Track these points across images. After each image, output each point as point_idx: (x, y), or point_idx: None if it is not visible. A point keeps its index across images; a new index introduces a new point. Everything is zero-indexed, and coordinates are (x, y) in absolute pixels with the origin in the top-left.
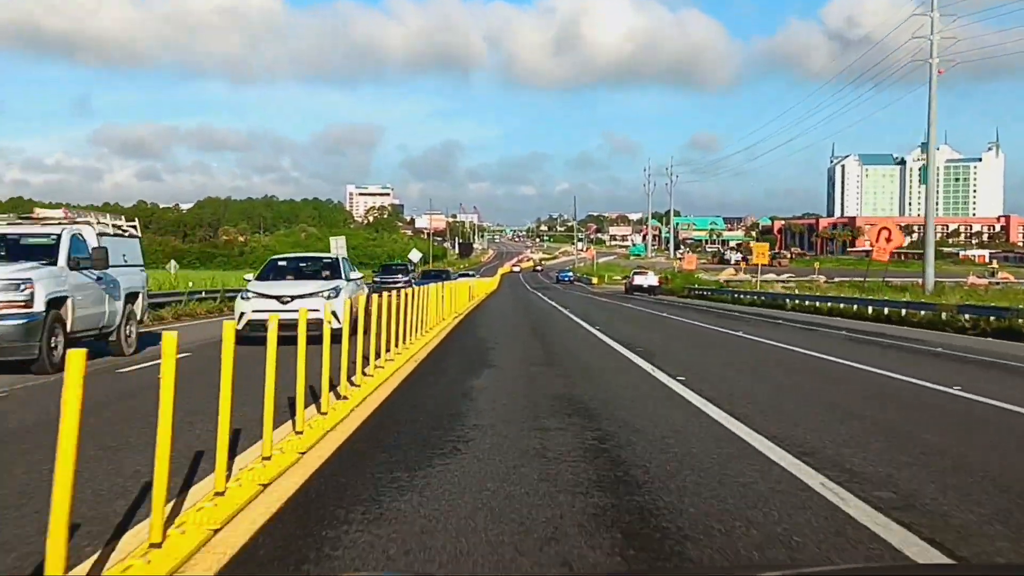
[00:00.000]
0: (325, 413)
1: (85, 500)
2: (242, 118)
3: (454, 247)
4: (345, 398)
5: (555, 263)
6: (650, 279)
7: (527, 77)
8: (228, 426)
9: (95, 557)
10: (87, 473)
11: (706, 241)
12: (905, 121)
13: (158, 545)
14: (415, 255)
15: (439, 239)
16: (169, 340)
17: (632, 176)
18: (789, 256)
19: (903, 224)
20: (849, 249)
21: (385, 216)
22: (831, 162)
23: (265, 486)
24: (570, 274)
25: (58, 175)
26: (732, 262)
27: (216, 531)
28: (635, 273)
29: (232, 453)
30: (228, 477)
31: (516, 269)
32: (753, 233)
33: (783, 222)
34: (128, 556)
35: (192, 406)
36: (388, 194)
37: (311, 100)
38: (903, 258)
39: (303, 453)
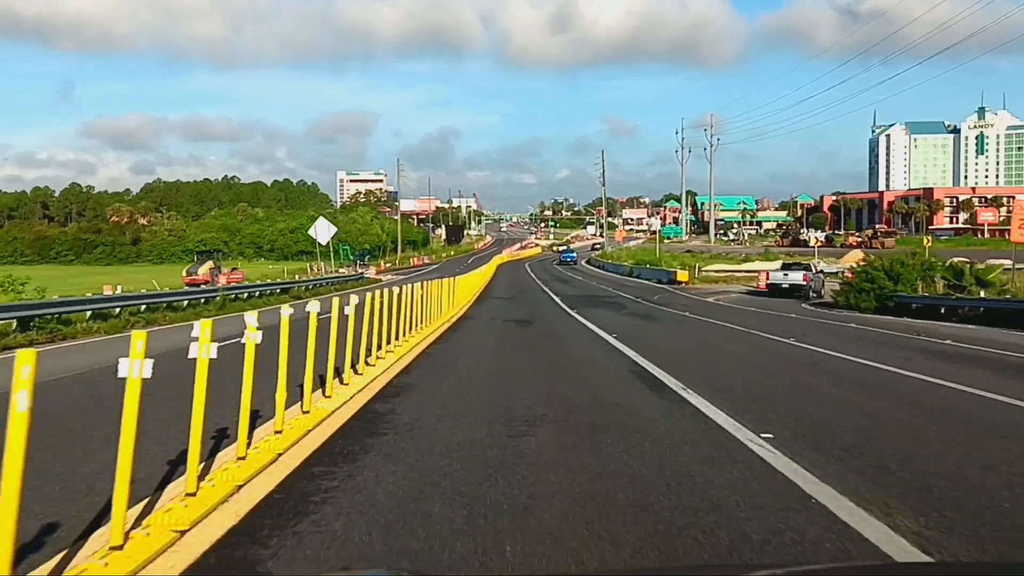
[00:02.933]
0: None
1: None
2: (235, 108)
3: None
4: None
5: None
6: (793, 276)
7: (524, 59)
8: None
9: None
10: None
11: (739, 223)
12: (949, 89)
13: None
14: (322, 232)
15: (431, 225)
16: None
17: (634, 160)
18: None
19: (990, 196)
20: (929, 227)
21: (367, 200)
22: (873, 132)
23: None
24: (574, 255)
25: (50, 170)
26: (809, 243)
27: None
28: (784, 267)
29: None
30: None
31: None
32: (798, 212)
33: (833, 198)
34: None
35: None
36: (381, 180)
37: (305, 88)
38: (1006, 236)
39: None
